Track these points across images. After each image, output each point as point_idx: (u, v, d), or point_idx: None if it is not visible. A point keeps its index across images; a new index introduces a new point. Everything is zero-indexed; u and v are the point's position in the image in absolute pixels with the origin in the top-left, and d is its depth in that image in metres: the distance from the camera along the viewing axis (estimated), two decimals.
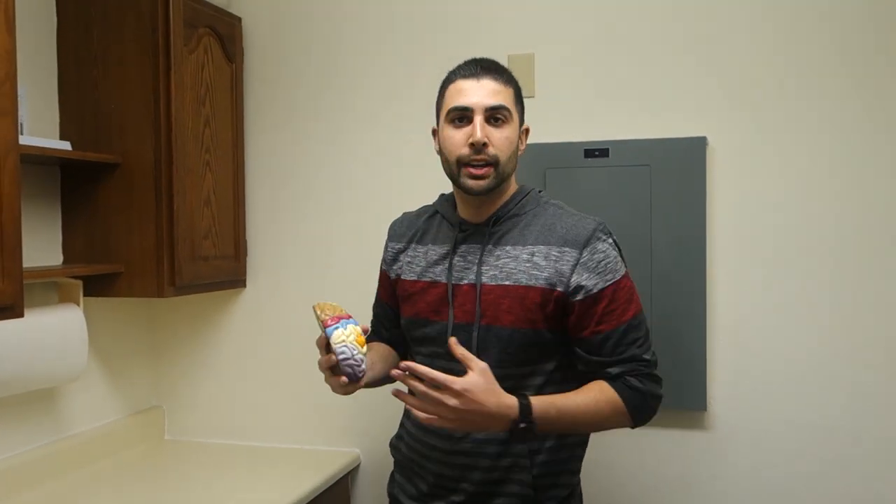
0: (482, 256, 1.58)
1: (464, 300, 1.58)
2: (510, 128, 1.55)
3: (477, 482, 1.58)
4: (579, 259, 1.52)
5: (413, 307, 1.67)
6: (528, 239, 1.56)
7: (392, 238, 1.78)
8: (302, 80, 2.45)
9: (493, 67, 1.58)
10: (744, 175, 2.12)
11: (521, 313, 1.53)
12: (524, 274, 1.54)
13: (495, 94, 1.54)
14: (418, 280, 1.66)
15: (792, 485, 2.10)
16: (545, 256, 1.54)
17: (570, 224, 1.56)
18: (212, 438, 2.55)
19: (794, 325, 2.10)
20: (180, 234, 2.12)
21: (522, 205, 1.61)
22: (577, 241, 1.54)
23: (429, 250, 1.67)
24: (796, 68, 2.08)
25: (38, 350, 1.92)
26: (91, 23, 2.13)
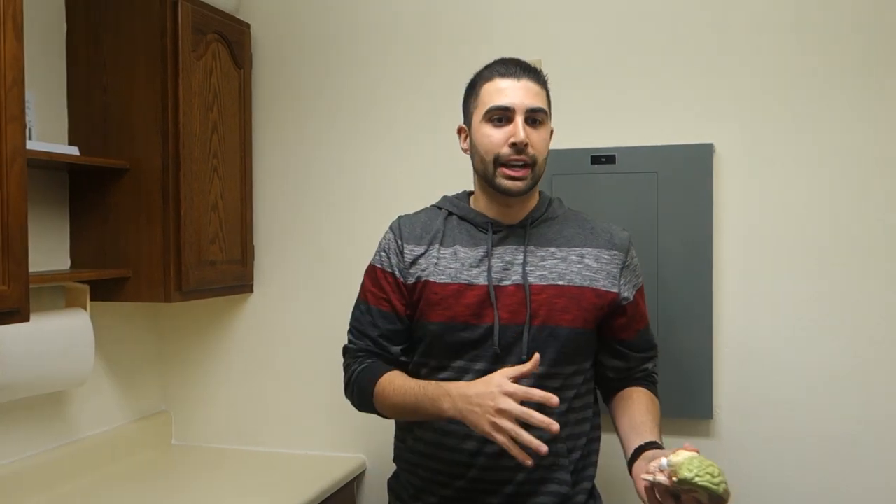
0: (526, 257, 1.58)
1: (509, 301, 1.56)
2: (546, 130, 1.59)
3: (520, 482, 1.58)
4: (625, 262, 1.64)
5: (447, 311, 1.59)
6: (572, 241, 1.62)
7: (408, 241, 1.67)
8: (310, 86, 2.46)
9: (530, 68, 1.59)
10: (751, 182, 2.11)
11: (578, 313, 1.57)
12: (577, 275, 1.59)
13: (536, 96, 1.55)
14: (451, 283, 1.59)
15: (798, 494, 2.09)
16: (596, 259, 1.61)
17: (606, 229, 1.66)
18: (219, 443, 2.55)
19: (801, 333, 2.08)
20: (187, 239, 2.13)
21: (553, 209, 1.67)
22: (623, 245, 1.65)
23: (457, 251, 1.62)
24: (803, 75, 2.07)
25: (45, 354, 1.92)
26: (100, 29, 2.14)
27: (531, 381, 1.49)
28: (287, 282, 2.48)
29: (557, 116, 2.22)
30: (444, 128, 2.34)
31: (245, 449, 2.51)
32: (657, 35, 2.17)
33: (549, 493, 1.60)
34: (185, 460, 2.42)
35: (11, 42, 1.47)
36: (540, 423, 1.36)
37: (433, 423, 1.61)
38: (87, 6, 2.16)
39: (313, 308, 2.46)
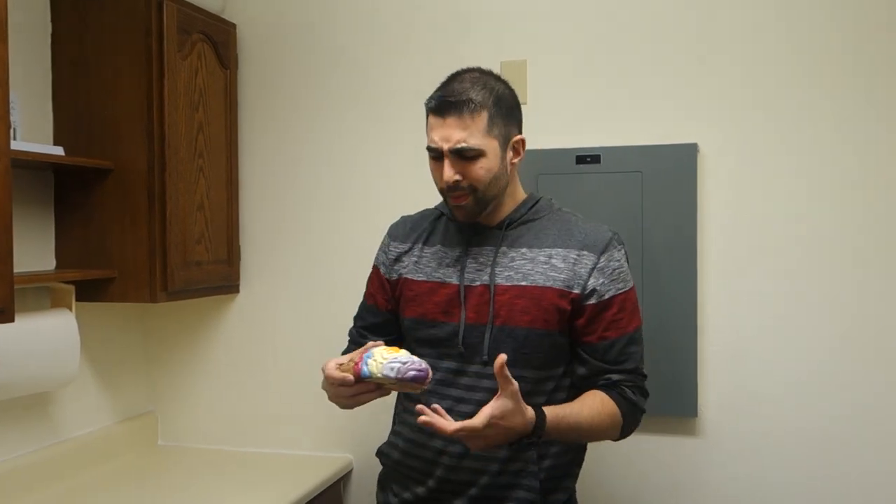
0: (496, 258, 1.60)
1: (476, 301, 1.59)
2: (485, 159, 1.53)
3: (485, 486, 1.59)
4: (597, 264, 1.57)
5: (419, 307, 1.66)
6: (544, 242, 1.60)
7: (395, 239, 1.76)
8: (295, 86, 2.46)
9: (457, 102, 1.52)
10: (734, 181, 2.13)
11: (538, 313, 1.56)
12: (541, 275, 1.57)
13: (459, 134, 1.52)
14: (427, 280, 1.66)
15: (783, 492, 2.11)
16: (563, 259, 1.57)
17: (588, 229, 1.61)
18: (205, 444, 2.55)
19: (785, 331, 2.10)
20: (173, 239, 2.13)
21: (536, 210, 1.65)
22: (596, 245, 1.58)
23: (438, 251, 1.67)
24: (787, 75, 2.09)
25: (30, 355, 1.92)
26: (85, 29, 2.14)
27: (495, 384, 1.48)
28: (273, 282, 2.48)
29: (543, 116, 2.24)
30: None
31: (231, 449, 2.51)
32: (642, 35, 2.19)
33: (516, 499, 1.59)
34: (172, 461, 2.42)
35: None
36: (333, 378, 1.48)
37: (408, 420, 1.65)
38: (72, 6, 2.16)
39: (300, 308, 2.46)
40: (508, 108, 1.58)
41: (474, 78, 1.57)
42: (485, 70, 1.63)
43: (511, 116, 1.59)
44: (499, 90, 1.57)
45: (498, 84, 1.59)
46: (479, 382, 1.59)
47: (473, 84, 1.55)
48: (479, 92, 1.54)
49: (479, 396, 1.56)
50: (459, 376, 1.61)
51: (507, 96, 1.59)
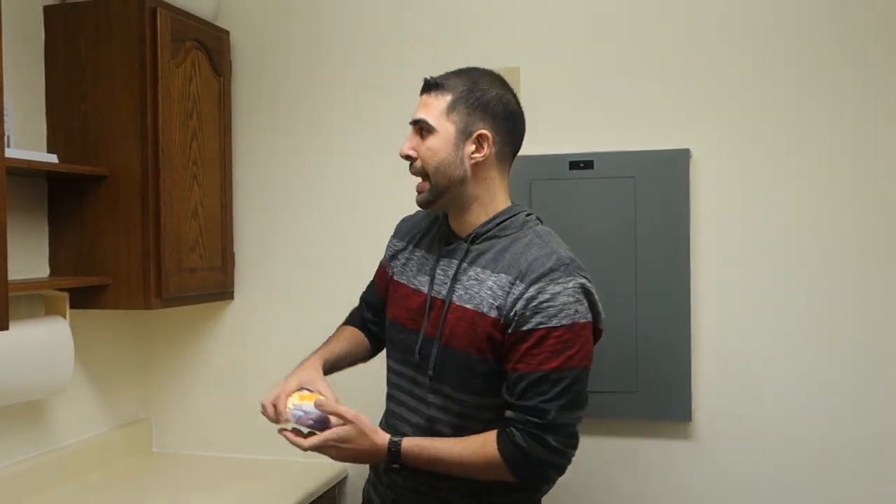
0: (457, 273, 1.57)
1: (436, 315, 1.58)
2: (434, 138, 1.55)
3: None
4: (524, 293, 1.48)
5: (396, 310, 1.69)
6: (498, 264, 1.53)
7: (396, 235, 1.81)
8: (289, 93, 2.46)
9: (432, 83, 1.58)
10: (727, 186, 2.14)
11: (472, 339, 1.52)
12: (482, 300, 1.52)
13: (422, 108, 1.58)
14: (407, 285, 1.68)
15: (777, 496, 2.11)
16: (502, 286, 1.51)
17: (533, 257, 1.51)
18: (199, 451, 2.54)
19: (779, 334, 2.11)
20: (167, 246, 2.13)
21: (504, 226, 1.58)
22: (530, 276, 1.49)
23: (422, 256, 1.68)
24: (780, 79, 2.11)
25: (24, 362, 1.91)
26: (78, 36, 2.14)
27: (439, 401, 1.57)
28: (268, 289, 2.48)
29: (536, 122, 2.24)
30: None
31: (226, 456, 2.51)
32: (634, 41, 2.20)
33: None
34: (166, 468, 2.41)
35: None
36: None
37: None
38: (66, 14, 2.16)
39: (294, 315, 2.46)
40: (482, 103, 1.55)
41: (469, 71, 1.61)
42: (491, 73, 1.63)
43: (482, 111, 1.55)
44: (483, 87, 1.56)
45: (490, 87, 1.57)
46: (426, 396, 1.59)
47: (459, 74, 1.59)
48: (455, 79, 1.58)
49: (424, 409, 1.60)
50: (414, 385, 1.62)
51: (493, 98, 1.56)
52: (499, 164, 1.60)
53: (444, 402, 1.56)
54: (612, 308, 2.14)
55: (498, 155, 1.59)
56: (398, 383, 1.67)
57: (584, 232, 2.17)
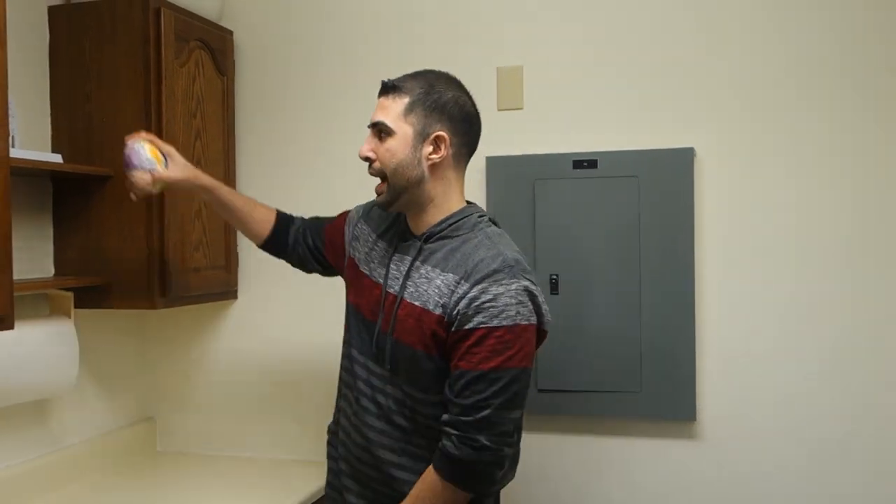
0: (409, 271, 1.61)
1: (389, 310, 1.62)
2: (393, 140, 1.59)
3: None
4: (468, 293, 1.52)
5: (357, 298, 1.72)
6: (448, 264, 1.57)
7: (366, 219, 1.80)
8: (293, 92, 2.47)
9: (390, 86, 1.61)
10: (732, 185, 2.14)
11: (419, 335, 1.56)
12: (430, 298, 1.56)
13: (380, 111, 1.61)
14: (369, 276, 1.70)
15: (781, 494, 2.11)
16: (448, 285, 1.55)
17: (480, 258, 1.54)
18: (204, 450, 2.55)
19: (784, 334, 2.11)
20: (171, 245, 2.13)
21: (456, 227, 1.61)
22: (475, 276, 1.52)
23: (384, 248, 1.71)
24: (783, 78, 2.10)
25: (30, 362, 1.92)
26: (83, 36, 2.14)
27: (397, 394, 1.60)
28: (271, 288, 2.49)
29: (539, 122, 2.25)
30: None
31: (230, 455, 2.51)
32: (638, 40, 2.20)
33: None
34: (171, 467, 2.42)
35: None
36: None
37: None
38: (70, 14, 2.17)
39: (298, 314, 2.47)
40: (439, 105, 1.58)
41: (425, 74, 1.64)
42: (447, 76, 1.66)
43: (439, 113, 1.58)
44: (440, 90, 1.60)
45: (447, 89, 1.61)
46: (384, 387, 1.62)
47: (416, 77, 1.63)
48: (412, 82, 1.61)
49: (381, 400, 1.63)
50: (371, 375, 1.65)
51: (449, 100, 1.59)
52: (455, 164, 1.63)
53: (401, 395, 1.60)
54: (616, 307, 2.15)
55: (455, 156, 1.62)
56: (355, 371, 1.68)
57: (587, 231, 2.17)
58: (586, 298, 2.18)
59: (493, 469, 1.53)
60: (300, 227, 1.94)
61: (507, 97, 2.28)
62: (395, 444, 1.60)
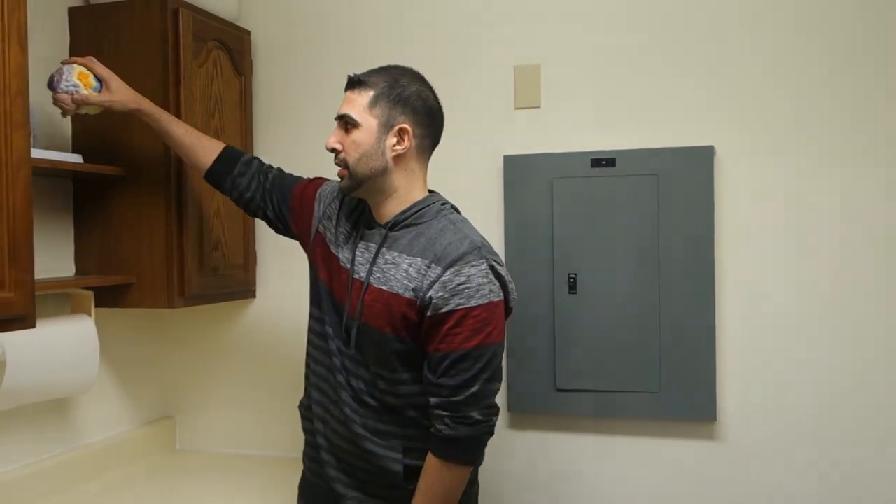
0: (375, 258, 1.67)
1: (356, 294, 1.68)
2: (358, 131, 1.65)
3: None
4: (440, 277, 1.58)
5: (329, 277, 1.75)
6: (413, 249, 1.63)
7: (339, 199, 1.81)
8: (310, 92, 2.47)
9: (356, 80, 1.67)
10: (752, 184, 2.12)
11: (388, 318, 1.62)
12: (398, 282, 1.62)
13: (346, 104, 1.68)
14: (337, 257, 1.74)
15: (805, 497, 2.09)
16: (418, 269, 1.61)
17: (447, 241, 1.62)
18: (223, 448, 2.56)
19: (806, 334, 2.09)
20: (190, 245, 2.14)
21: (420, 214, 1.68)
22: (445, 259, 1.59)
23: (347, 233, 1.75)
24: (805, 75, 2.08)
25: (51, 360, 1.93)
26: (102, 38, 2.16)
27: (366, 375, 1.66)
28: (289, 287, 2.49)
29: (557, 120, 2.24)
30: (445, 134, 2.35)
31: (249, 453, 2.52)
32: (657, 37, 2.18)
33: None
34: (190, 465, 2.43)
35: (16, 52, 1.48)
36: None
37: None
38: (90, 16, 2.18)
39: None
40: (402, 99, 1.65)
41: (390, 69, 1.71)
42: (411, 71, 1.73)
43: (402, 106, 1.65)
44: (403, 84, 1.66)
45: (411, 83, 1.67)
46: (356, 369, 1.68)
47: (381, 72, 1.69)
48: (377, 76, 1.68)
49: (353, 382, 1.68)
50: (343, 357, 1.70)
51: (412, 94, 1.66)
52: (419, 156, 1.69)
53: (369, 376, 1.67)
54: (635, 307, 2.14)
55: (418, 147, 1.68)
56: (330, 347, 1.72)
57: (606, 231, 2.16)
58: (605, 298, 2.16)
59: (486, 439, 1.64)
60: (262, 175, 1.94)
61: (525, 95, 2.28)
62: (367, 421, 1.67)
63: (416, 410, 1.66)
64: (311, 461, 1.81)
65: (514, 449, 2.30)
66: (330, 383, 1.72)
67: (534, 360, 2.23)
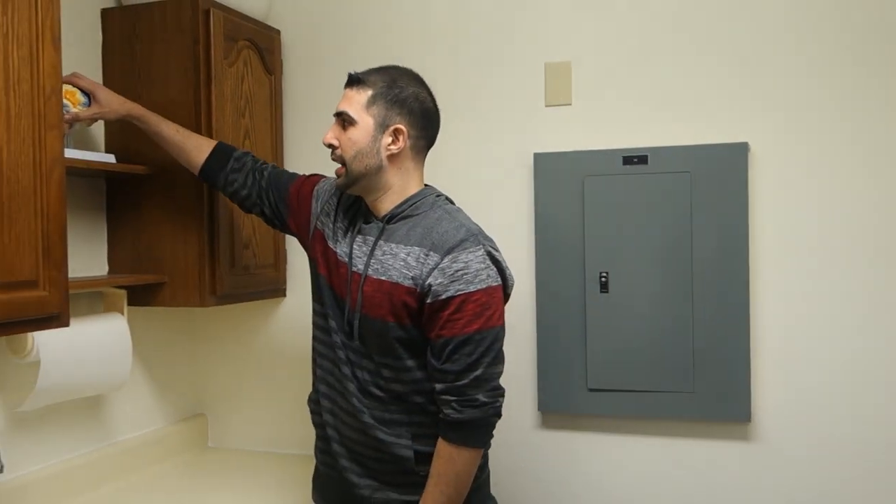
0: (373, 250, 1.70)
1: (355, 287, 1.71)
2: (355, 129, 1.69)
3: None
4: (439, 264, 1.62)
5: (329, 272, 1.78)
6: (410, 239, 1.68)
7: (337, 196, 1.84)
8: (339, 91, 2.45)
9: (355, 78, 1.71)
10: (787, 181, 2.08)
11: (389, 307, 1.66)
12: (397, 272, 1.66)
13: (344, 101, 1.71)
14: (336, 252, 1.77)
15: (842, 500, 2.05)
16: (416, 258, 1.65)
17: (443, 230, 1.66)
18: (253, 446, 2.57)
19: (843, 333, 2.05)
20: (221, 244, 2.15)
21: (416, 206, 1.72)
22: (443, 247, 1.64)
23: (344, 229, 1.79)
24: (843, 69, 2.04)
25: (84, 359, 1.95)
26: (134, 38, 2.18)
27: (370, 366, 1.70)
28: None
29: (588, 117, 2.22)
30: (475, 132, 2.34)
31: (280, 451, 2.53)
32: (688, 31, 2.15)
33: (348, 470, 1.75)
34: (221, 463, 2.45)
35: (50, 53, 1.49)
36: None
37: None
38: (122, 17, 2.20)
39: None
40: (399, 100, 1.69)
41: (389, 69, 1.75)
42: (410, 72, 1.76)
43: (399, 107, 1.68)
44: (401, 85, 1.70)
45: (409, 85, 1.71)
46: (360, 361, 1.72)
47: (380, 71, 1.73)
48: (376, 76, 1.71)
49: (358, 373, 1.72)
50: (347, 349, 1.74)
51: (409, 95, 1.69)
52: (414, 155, 1.73)
53: (373, 366, 1.71)
54: (667, 306, 2.11)
55: (413, 148, 1.72)
56: (334, 340, 1.75)
57: (638, 229, 2.13)
58: (637, 297, 2.14)
59: (494, 420, 1.67)
60: (258, 173, 1.96)
61: (555, 93, 2.26)
62: (374, 411, 1.70)
63: (423, 396, 1.70)
64: (323, 453, 1.84)
65: (544, 449, 2.28)
66: (336, 376, 1.76)
67: (565, 360, 2.21)
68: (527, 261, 2.27)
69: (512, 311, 2.16)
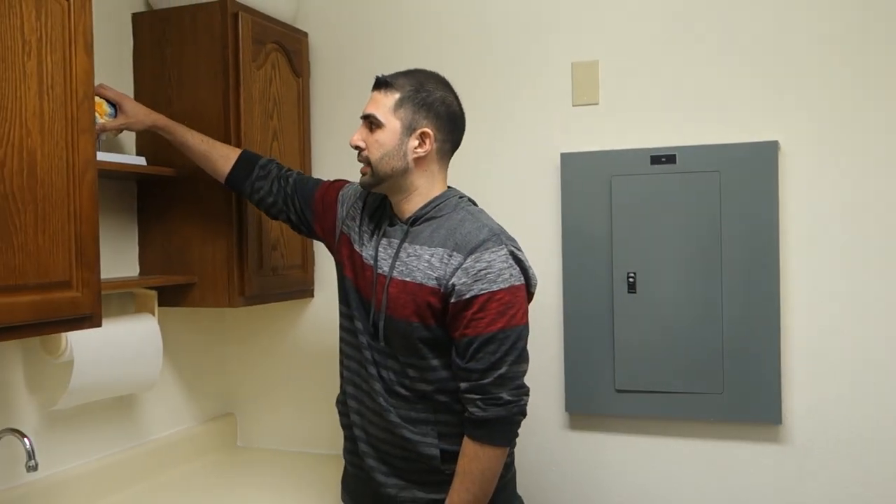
0: (398, 252, 1.72)
1: (380, 289, 1.73)
2: (382, 132, 1.70)
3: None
4: (462, 264, 1.64)
5: (356, 274, 1.80)
6: (434, 241, 1.69)
7: (363, 200, 1.86)
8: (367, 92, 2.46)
9: (382, 81, 1.73)
10: (818, 180, 2.05)
11: (414, 308, 1.67)
12: (421, 273, 1.68)
13: (371, 104, 1.73)
14: (361, 255, 1.79)
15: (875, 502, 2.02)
16: (440, 259, 1.67)
17: (466, 231, 1.68)
18: (282, 446, 2.59)
19: (875, 333, 2.01)
20: (250, 245, 2.17)
21: (439, 208, 1.74)
22: (466, 247, 1.65)
23: (370, 231, 1.81)
24: (872, 68, 2.01)
25: (116, 359, 1.98)
26: (165, 43, 2.20)
27: (396, 366, 1.72)
28: None
29: (616, 117, 2.21)
30: (502, 132, 2.34)
31: (308, 451, 2.55)
32: (717, 29, 2.13)
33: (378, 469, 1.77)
34: (250, 462, 2.47)
35: (82, 58, 1.52)
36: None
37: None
38: (152, 22, 2.23)
39: None
40: (426, 104, 1.70)
41: (416, 72, 1.76)
42: (437, 76, 1.77)
43: (426, 111, 1.70)
44: (428, 89, 1.71)
45: (436, 89, 1.72)
46: (385, 361, 1.74)
47: (407, 75, 1.75)
48: (403, 79, 1.73)
49: (384, 374, 1.73)
50: (373, 351, 1.75)
51: (437, 99, 1.71)
52: (439, 158, 1.75)
53: (399, 367, 1.72)
54: (696, 306, 2.10)
55: (438, 151, 1.74)
56: (360, 341, 1.77)
57: (666, 229, 2.12)
58: (665, 297, 2.12)
59: (519, 419, 1.67)
60: (283, 180, 1.98)
61: (583, 92, 2.25)
62: (400, 411, 1.72)
63: (448, 395, 1.71)
64: (351, 454, 1.86)
65: (571, 449, 2.27)
66: (362, 377, 1.77)
67: (593, 361, 2.20)
68: (554, 261, 2.26)
69: (539, 311, 2.16)
